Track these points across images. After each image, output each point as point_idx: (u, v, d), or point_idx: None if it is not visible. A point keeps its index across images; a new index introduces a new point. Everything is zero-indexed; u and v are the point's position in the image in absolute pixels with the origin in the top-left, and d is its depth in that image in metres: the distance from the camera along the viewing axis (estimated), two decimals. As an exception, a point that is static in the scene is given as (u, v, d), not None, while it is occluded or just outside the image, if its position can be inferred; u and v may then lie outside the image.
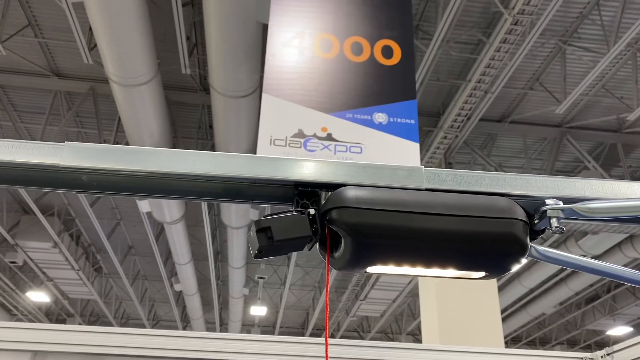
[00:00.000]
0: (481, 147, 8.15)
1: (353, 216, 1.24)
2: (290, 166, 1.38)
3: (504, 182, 1.40)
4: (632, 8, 5.85)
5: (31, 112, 7.97)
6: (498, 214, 1.28)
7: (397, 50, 2.12)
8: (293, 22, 2.15)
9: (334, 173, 1.38)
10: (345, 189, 1.31)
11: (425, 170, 1.42)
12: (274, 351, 2.82)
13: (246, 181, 1.36)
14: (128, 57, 5.40)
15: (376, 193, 1.30)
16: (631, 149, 8.27)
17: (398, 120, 1.98)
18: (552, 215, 1.33)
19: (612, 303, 13.66)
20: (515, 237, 1.27)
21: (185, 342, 2.79)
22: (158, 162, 1.31)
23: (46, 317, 15.86)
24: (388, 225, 1.25)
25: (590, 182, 1.42)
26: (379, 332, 15.79)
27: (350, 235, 1.24)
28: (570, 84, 6.83)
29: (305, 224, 1.27)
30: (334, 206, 1.27)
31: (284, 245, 1.26)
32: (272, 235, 1.23)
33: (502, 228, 1.27)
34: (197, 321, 14.71)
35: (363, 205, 1.26)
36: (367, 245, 1.25)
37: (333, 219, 1.26)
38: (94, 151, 1.30)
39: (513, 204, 1.32)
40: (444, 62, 6.65)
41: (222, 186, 1.38)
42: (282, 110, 1.91)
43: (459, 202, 1.31)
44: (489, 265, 1.31)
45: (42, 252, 11.06)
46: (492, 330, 6.78)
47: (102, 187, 1.35)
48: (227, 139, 6.45)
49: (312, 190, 1.36)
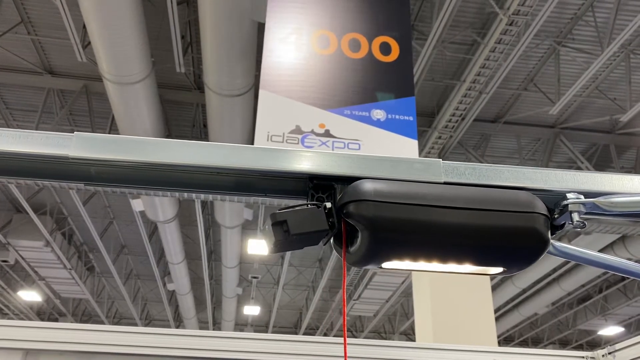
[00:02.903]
0: (475, 148, 8.17)
1: (371, 209, 1.21)
2: (305, 158, 1.34)
3: (523, 175, 1.38)
4: (626, 10, 5.88)
5: (24, 110, 7.92)
6: (519, 208, 1.26)
7: (395, 47, 2.12)
8: (291, 19, 2.15)
9: (350, 166, 1.34)
10: (363, 182, 1.28)
11: (443, 163, 1.39)
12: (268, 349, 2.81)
13: (258, 174, 1.33)
14: (122, 55, 5.37)
15: (395, 186, 1.27)
16: (624, 150, 8.32)
17: (396, 117, 1.97)
18: (574, 210, 1.30)
19: (603, 303, 13.74)
20: (537, 231, 1.25)
21: (179, 340, 2.77)
22: (168, 153, 1.28)
23: (38, 316, 15.76)
24: (407, 219, 1.22)
25: (610, 177, 1.40)
26: (372, 332, 15.79)
27: (368, 229, 1.22)
28: (564, 85, 6.86)
29: (321, 218, 1.24)
30: (351, 199, 1.24)
31: (299, 240, 1.24)
32: (288, 229, 1.20)
33: (524, 222, 1.24)
34: (190, 321, 14.66)
35: (381, 198, 1.23)
36: (385, 239, 1.23)
37: (350, 213, 1.23)
38: (104, 142, 1.26)
39: (534, 198, 1.30)
40: (439, 62, 6.67)
41: (233, 179, 1.34)
42: (280, 107, 1.91)
43: (480, 195, 1.28)
44: (508, 260, 1.29)
45: (34, 251, 10.99)
46: (486, 329, 6.80)
47: (110, 180, 1.32)
48: (221, 137, 6.44)
49: (328, 183, 1.33)
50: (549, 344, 16.04)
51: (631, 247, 9.61)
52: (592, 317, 14.18)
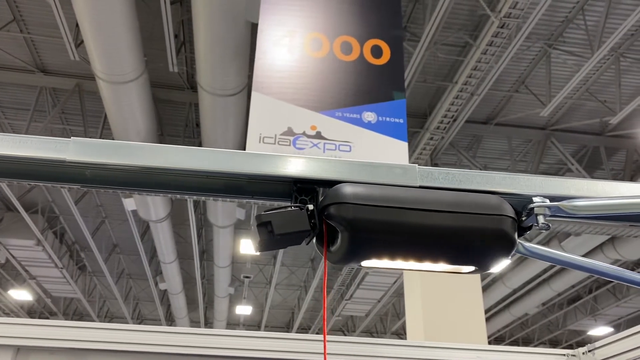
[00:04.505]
0: (467, 149, 8.22)
1: (351, 212, 1.29)
2: (289, 163, 1.43)
3: (494, 180, 1.45)
4: (616, 13, 5.95)
5: (15, 109, 7.89)
6: (488, 211, 1.34)
7: (387, 49, 2.14)
8: (284, 21, 2.17)
9: (332, 170, 1.43)
10: (343, 186, 1.35)
11: (419, 168, 1.47)
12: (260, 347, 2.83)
13: (246, 178, 1.40)
14: (115, 54, 5.37)
15: (373, 190, 1.35)
16: (614, 152, 8.40)
17: (387, 120, 2.00)
18: (539, 212, 1.38)
19: (593, 304, 13.85)
20: (504, 232, 1.32)
21: (170, 337, 2.78)
22: (161, 158, 1.35)
23: (28, 315, 15.68)
24: (384, 221, 1.30)
25: (576, 182, 1.49)
26: (364, 332, 15.83)
27: (348, 230, 1.29)
28: (555, 87, 6.92)
29: (304, 219, 1.31)
30: (332, 202, 1.32)
31: (283, 239, 1.31)
32: (272, 230, 1.27)
33: (492, 224, 1.32)
34: (181, 320, 14.64)
35: (360, 201, 1.30)
36: (364, 239, 1.30)
37: (331, 214, 1.31)
38: (100, 147, 1.34)
39: (503, 202, 1.38)
40: (431, 64, 6.71)
41: (223, 182, 1.42)
42: (272, 108, 1.93)
43: (452, 199, 1.36)
44: (479, 260, 1.37)
45: (25, 250, 10.94)
46: (476, 329, 6.85)
47: (105, 182, 1.38)
48: (214, 137, 6.44)
49: (311, 186, 1.41)
50: (539, 344, 16.14)
51: (620, 249, 9.70)
52: (582, 318, 14.29)
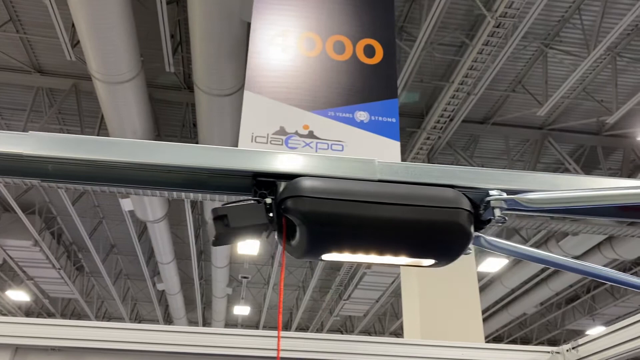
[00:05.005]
0: (464, 148, 8.23)
1: (307, 205, 1.29)
2: (248, 157, 1.42)
3: (452, 174, 1.45)
4: (612, 13, 5.95)
5: (12, 109, 7.87)
6: (444, 204, 1.34)
7: (379, 49, 2.14)
8: (277, 21, 2.17)
9: (291, 164, 1.42)
10: (300, 179, 1.35)
11: (379, 162, 1.47)
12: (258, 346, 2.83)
13: (207, 172, 1.39)
14: (111, 54, 5.36)
15: (330, 183, 1.35)
16: (611, 151, 8.41)
17: (379, 119, 2.00)
18: (495, 206, 1.38)
19: (591, 303, 13.86)
20: (459, 225, 1.32)
21: (168, 336, 2.78)
22: (121, 152, 1.34)
23: (26, 316, 15.66)
24: (339, 214, 1.30)
25: (535, 175, 1.48)
26: (362, 332, 15.83)
27: (304, 223, 1.29)
28: (552, 86, 6.93)
29: (261, 212, 1.31)
30: (289, 195, 1.32)
31: (240, 233, 1.30)
32: (228, 223, 1.27)
33: (447, 217, 1.33)
34: (180, 320, 14.63)
35: (317, 194, 1.30)
36: (321, 232, 1.31)
37: (288, 208, 1.31)
38: (57, 141, 1.32)
39: (459, 195, 1.38)
40: (428, 64, 6.71)
41: (184, 177, 1.41)
42: (264, 108, 1.93)
43: (408, 192, 1.36)
44: (437, 253, 1.37)
45: (23, 251, 10.92)
46: (473, 328, 6.85)
47: (66, 177, 1.37)
48: (211, 137, 6.44)
49: (270, 180, 1.40)
50: (537, 343, 16.15)
51: (618, 248, 9.71)
52: (580, 317, 14.30)
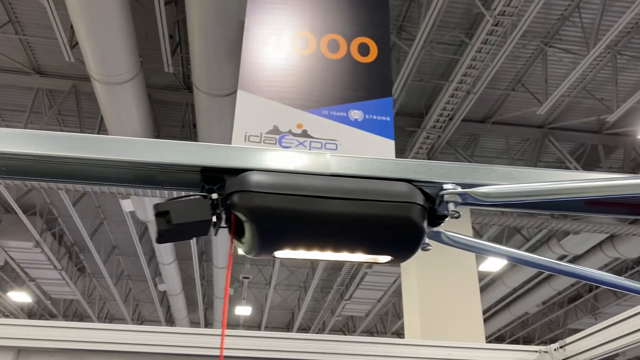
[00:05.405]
0: (464, 148, 8.21)
1: (253, 200, 1.25)
2: (195, 151, 1.37)
3: (407, 168, 1.41)
4: (612, 11, 5.93)
5: (12, 110, 7.88)
6: (395, 198, 1.30)
7: (374, 47, 2.13)
8: (270, 19, 2.16)
9: (239, 158, 1.37)
10: (247, 174, 1.31)
11: (331, 156, 1.43)
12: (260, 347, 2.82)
13: (156, 167, 1.35)
14: (110, 55, 5.36)
15: (277, 177, 1.30)
16: (611, 149, 8.38)
17: (373, 118, 1.99)
18: (449, 200, 1.34)
19: (593, 302, 13.82)
20: (411, 220, 1.28)
21: (170, 338, 2.78)
22: (70, 147, 1.31)
23: (28, 317, 15.67)
24: (287, 209, 1.25)
25: (494, 168, 1.43)
26: (364, 332, 15.81)
27: (251, 219, 1.24)
28: (552, 85, 6.91)
29: (206, 208, 1.25)
30: (234, 190, 1.27)
31: (184, 229, 1.25)
32: (170, 219, 1.21)
33: (399, 211, 1.28)
34: (181, 321, 14.64)
35: (263, 189, 1.26)
36: (269, 229, 1.26)
37: (234, 203, 1.26)
38: (5, 135, 1.30)
39: (412, 189, 1.33)
40: (427, 63, 6.69)
41: (135, 172, 1.37)
42: (258, 107, 1.92)
43: (359, 186, 1.32)
44: (391, 249, 1.33)
45: (24, 252, 10.93)
46: (474, 328, 6.84)
47: (12, 172, 1.34)
48: (211, 137, 6.43)
49: (218, 175, 1.35)
50: (539, 343, 16.11)
51: (620, 247, 9.68)
52: (582, 316, 14.26)
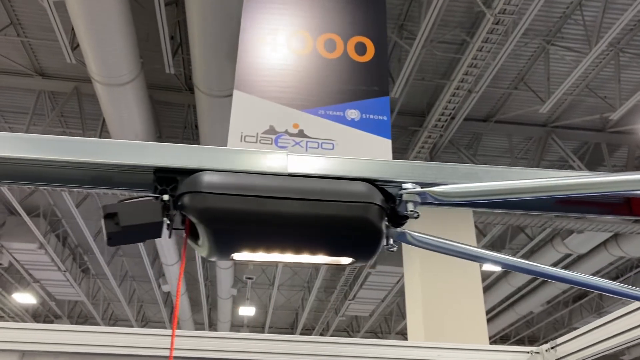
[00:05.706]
0: (467, 147, 8.18)
1: (204, 201, 1.21)
2: (148, 151, 1.34)
3: (367, 168, 1.39)
4: (614, 8, 5.90)
5: (15, 112, 7.90)
6: (352, 198, 1.27)
7: (371, 47, 2.12)
8: (266, 19, 2.15)
9: (192, 158, 1.34)
10: (199, 174, 1.27)
11: (290, 155, 1.40)
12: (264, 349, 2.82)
13: (112, 168, 1.33)
14: (111, 56, 5.37)
15: (230, 178, 1.27)
16: (615, 148, 8.34)
17: (370, 117, 1.98)
18: (408, 200, 1.31)
19: (598, 301, 13.77)
20: (368, 220, 1.25)
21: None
22: (25, 148, 1.29)
23: (33, 319, 15.72)
24: (238, 210, 1.21)
25: (457, 168, 1.40)
26: (368, 332, 15.79)
27: (202, 221, 1.21)
28: (554, 83, 6.87)
29: (156, 210, 1.22)
30: (185, 191, 1.24)
31: (135, 232, 1.21)
32: (118, 221, 1.19)
33: (355, 212, 1.25)
34: (185, 322, 14.65)
35: (215, 190, 1.22)
36: (221, 231, 1.23)
37: (184, 205, 1.23)
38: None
39: (371, 189, 1.31)
40: (429, 62, 6.67)
41: (91, 173, 1.35)
42: (254, 107, 1.91)
43: (315, 186, 1.29)
44: (351, 250, 1.30)
45: (28, 254, 10.96)
46: (477, 328, 6.81)
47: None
48: (212, 138, 6.43)
49: (171, 176, 1.31)
50: (544, 342, 16.05)
51: (624, 246, 9.63)
52: (587, 316, 14.20)
